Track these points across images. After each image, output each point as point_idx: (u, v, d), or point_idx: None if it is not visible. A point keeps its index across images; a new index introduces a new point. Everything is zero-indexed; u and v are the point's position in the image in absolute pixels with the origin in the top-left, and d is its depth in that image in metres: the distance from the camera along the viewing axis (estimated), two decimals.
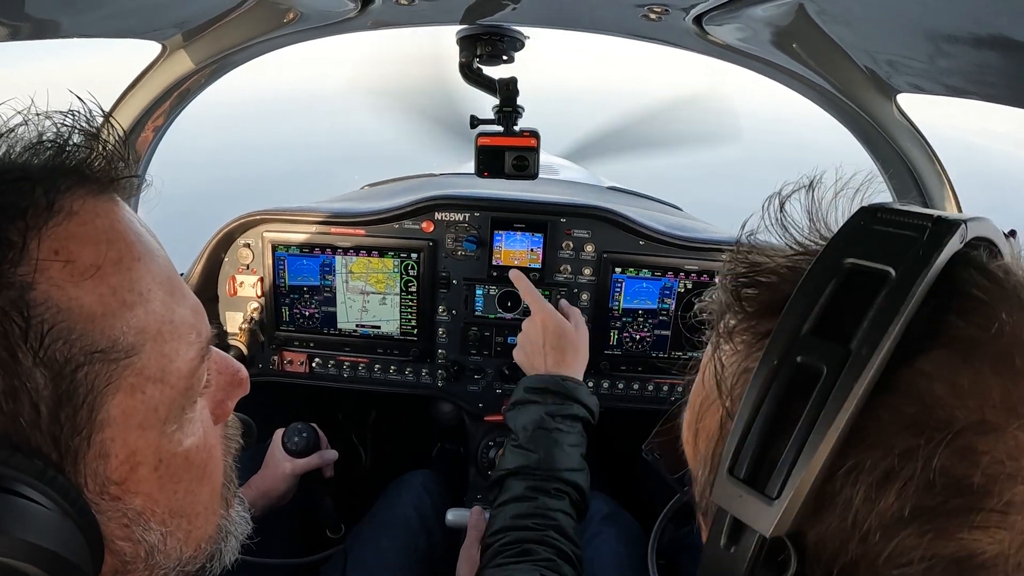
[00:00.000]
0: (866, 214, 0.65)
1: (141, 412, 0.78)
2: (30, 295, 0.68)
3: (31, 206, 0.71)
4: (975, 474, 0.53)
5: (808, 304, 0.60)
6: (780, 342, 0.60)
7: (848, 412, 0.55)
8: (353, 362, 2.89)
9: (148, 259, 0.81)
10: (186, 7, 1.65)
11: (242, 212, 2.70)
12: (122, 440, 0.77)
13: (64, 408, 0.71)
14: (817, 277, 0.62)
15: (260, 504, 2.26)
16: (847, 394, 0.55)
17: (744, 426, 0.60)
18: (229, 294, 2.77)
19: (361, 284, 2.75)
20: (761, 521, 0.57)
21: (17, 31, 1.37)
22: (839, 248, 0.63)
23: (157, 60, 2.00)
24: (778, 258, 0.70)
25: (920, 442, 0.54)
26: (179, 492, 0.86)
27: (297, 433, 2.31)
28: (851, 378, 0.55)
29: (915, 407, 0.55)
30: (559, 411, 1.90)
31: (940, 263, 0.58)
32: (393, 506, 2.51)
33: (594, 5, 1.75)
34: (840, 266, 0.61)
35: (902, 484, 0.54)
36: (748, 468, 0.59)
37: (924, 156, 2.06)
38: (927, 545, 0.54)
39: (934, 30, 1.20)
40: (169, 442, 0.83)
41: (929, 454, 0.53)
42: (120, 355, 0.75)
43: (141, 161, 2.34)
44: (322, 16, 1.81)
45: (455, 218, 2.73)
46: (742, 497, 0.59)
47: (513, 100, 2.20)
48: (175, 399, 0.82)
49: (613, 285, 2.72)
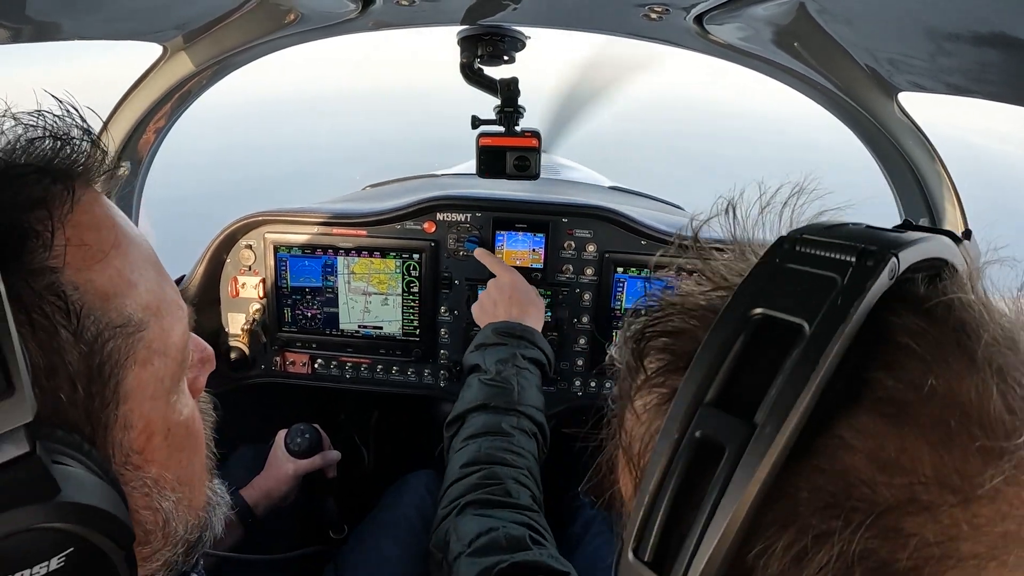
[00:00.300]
0: (781, 249, 0.58)
1: (152, 384, 0.84)
2: (61, 278, 0.74)
3: (54, 198, 0.77)
4: (901, 558, 0.47)
5: (712, 367, 0.54)
6: (680, 415, 0.54)
7: (752, 494, 0.49)
8: (355, 363, 2.90)
9: (136, 242, 0.88)
10: (187, 9, 1.65)
11: (244, 213, 2.71)
12: (139, 411, 0.83)
13: (95, 383, 0.77)
14: (723, 332, 0.55)
15: (263, 505, 2.26)
16: (751, 474, 0.49)
17: (648, 505, 0.54)
18: (231, 295, 2.77)
19: (363, 285, 2.75)
20: None
21: (18, 33, 1.38)
22: (749, 294, 0.55)
23: (158, 62, 2.00)
24: (695, 297, 0.64)
25: (838, 524, 0.48)
26: (183, 460, 0.92)
27: (299, 434, 2.32)
28: (755, 457, 0.49)
29: (833, 484, 0.49)
30: (525, 353, 1.94)
31: (863, 312, 0.51)
32: (395, 507, 2.51)
33: (595, 5, 1.75)
34: (748, 319, 0.54)
35: (817, 570, 0.48)
36: (652, 550, 0.53)
37: (926, 155, 2.05)
38: None
39: (935, 28, 1.20)
40: (173, 412, 0.89)
41: (848, 538, 0.47)
42: (133, 329, 0.81)
43: (143, 163, 2.35)
44: (323, 17, 1.81)
45: (457, 218, 2.73)
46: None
47: (514, 100, 2.20)
48: (175, 371, 0.89)
49: (615, 285, 2.72)
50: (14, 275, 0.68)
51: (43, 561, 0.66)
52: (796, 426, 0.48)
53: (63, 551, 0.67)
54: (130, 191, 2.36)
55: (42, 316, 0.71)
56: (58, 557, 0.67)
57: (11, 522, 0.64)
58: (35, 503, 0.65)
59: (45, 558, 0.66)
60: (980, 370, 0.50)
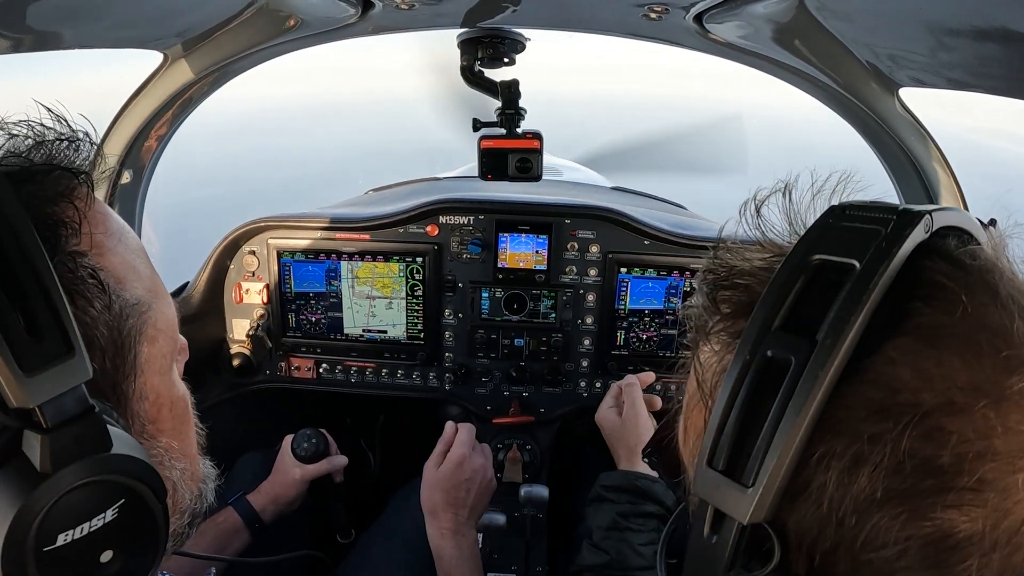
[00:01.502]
0: (834, 212, 0.68)
1: (158, 359, 0.92)
2: (90, 261, 0.81)
3: (74, 191, 0.84)
4: (944, 454, 0.54)
5: (777, 301, 0.63)
6: (751, 338, 0.62)
7: (816, 400, 0.57)
8: (360, 367, 2.90)
9: (129, 234, 0.95)
10: (187, 16, 1.66)
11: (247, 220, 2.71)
12: (151, 384, 0.91)
13: (118, 355, 0.85)
14: (786, 275, 0.64)
15: (270, 510, 2.27)
16: (814, 383, 0.56)
17: (720, 419, 0.62)
18: (235, 301, 2.77)
19: (367, 289, 2.76)
20: (739, 509, 0.59)
21: (20, 43, 1.38)
22: (807, 246, 0.65)
23: (159, 69, 2.01)
24: (755, 260, 0.73)
25: (888, 426, 0.56)
26: (183, 432, 1.00)
27: (306, 439, 2.32)
28: (817, 367, 0.57)
29: (881, 393, 0.57)
30: (632, 510, 1.88)
31: (903, 253, 0.60)
32: (403, 510, 2.51)
33: (594, 6, 1.75)
34: (808, 263, 0.63)
35: (872, 468, 0.56)
36: (725, 459, 0.61)
37: (927, 150, 2.05)
38: (901, 527, 0.56)
39: (935, 23, 1.20)
40: (173, 386, 0.98)
41: (897, 437, 0.55)
42: (144, 308, 0.89)
43: (145, 170, 2.35)
44: (323, 22, 1.81)
45: (460, 221, 2.73)
46: (720, 487, 0.61)
47: (515, 102, 2.20)
48: (172, 349, 0.97)
49: (619, 285, 2.72)
50: (53, 258, 0.73)
51: (100, 513, 0.72)
52: (851, 341, 0.57)
53: (117, 502, 0.73)
54: (133, 198, 2.36)
55: (79, 293, 0.78)
56: (113, 508, 0.73)
57: (77, 474, 0.69)
58: (98, 454, 0.71)
59: (102, 510, 0.72)
60: (1004, 305, 0.59)
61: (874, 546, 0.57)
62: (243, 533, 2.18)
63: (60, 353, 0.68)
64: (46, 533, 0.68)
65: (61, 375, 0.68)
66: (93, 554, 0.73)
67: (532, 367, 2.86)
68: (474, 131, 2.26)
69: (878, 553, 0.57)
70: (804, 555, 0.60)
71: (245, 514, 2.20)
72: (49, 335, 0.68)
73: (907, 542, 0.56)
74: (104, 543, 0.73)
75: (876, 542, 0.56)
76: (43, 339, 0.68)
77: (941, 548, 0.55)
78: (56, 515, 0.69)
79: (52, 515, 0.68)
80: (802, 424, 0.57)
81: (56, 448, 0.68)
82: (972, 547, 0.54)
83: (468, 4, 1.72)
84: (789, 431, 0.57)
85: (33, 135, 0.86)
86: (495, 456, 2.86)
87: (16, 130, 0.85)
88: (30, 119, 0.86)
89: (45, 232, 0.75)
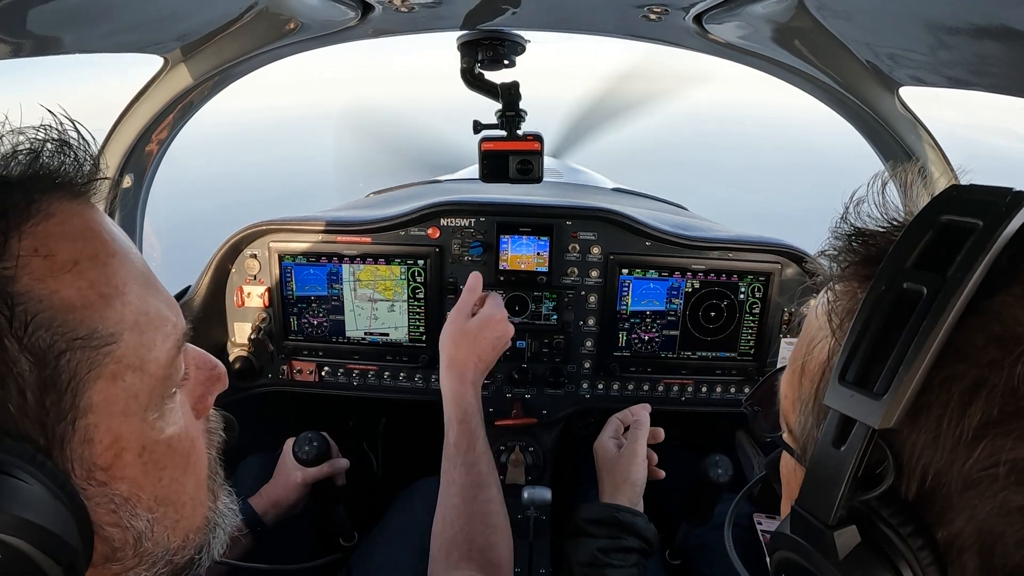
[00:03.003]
0: (957, 187, 0.75)
1: (123, 399, 0.83)
2: (13, 287, 0.73)
3: (11, 207, 0.77)
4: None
5: (911, 245, 0.70)
6: (887, 272, 0.70)
7: (945, 325, 0.63)
8: (362, 370, 2.90)
9: (123, 256, 0.87)
10: (187, 20, 1.66)
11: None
12: (106, 426, 0.82)
13: (49, 394, 0.76)
14: (917, 228, 0.71)
15: (272, 513, 2.27)
16: (943, 310, 0.64)
17: (855, 340, 0.69)
18: (237, 305, 2.77)
19: (369, 292, 2.76)
20: (870, 416, 0.66)
21: (19, 48, 1.38)
22: (935, 208, 0.72)
23: (159, 74, 2.01)
24: (881, 224, 0.81)
25: (1004, 355, 0.62)
26: (164, 480, 0.91)
27: (307, 442, 2.31)
28: (947, 297, 0.64)
29: (1000, 327, 0.63)
30: (612, 545, 1.86)
31: (1021, 217, 0.66)
32: (406, 513, 2.51)
33: (594, 7, 1.75)
34: (937, 220, 0.71)
35: (989, 391, 0.62)
36: (857, 373, 0.68)
37: (928, 149, 2.05)
38: (1011, 447, 0.61)
39: (934, 21, 1.19)
40: (152, 430, 0.88)
41: (1012, 363, 0.61)
42: (100, 343, 0.80)
43: (146, 175, 2.35)
44: (323, 25, 1.81)
45: (461, 223, 2.73)
46: (852, 396, 0.68)
47: (515, 104, 2.21)
48: (154, 387, 0.87)
49: (620, 287, 2.72)
50: None
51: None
52: (977, 279, 0.64)
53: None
54: (134, 202, 2.36)
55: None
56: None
57: None
58: None
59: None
60: None
61: (985, 465, 0.62)
62: (245, 537, 2.18)
63: None
64: None
65: None
66: None
67: (534, 369, 2.86)
68: (475, 133, 2.26)
69: (987, 472, 0.62)
70: (917, 475, 0.66)
71: (247, 518, 2.20)
72: None
73: (1015, 462, 0.61)
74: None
75: (987, 461, 0.62)
76: None
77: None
78: None
79: None
80: (931, 346, 0.63)
81: None
82: None
83: (468, 6, 1.73)
84: (920, 350, 0.63)
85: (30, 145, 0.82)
86: (497, 458, 2.86)
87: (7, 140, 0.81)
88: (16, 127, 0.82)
89: None
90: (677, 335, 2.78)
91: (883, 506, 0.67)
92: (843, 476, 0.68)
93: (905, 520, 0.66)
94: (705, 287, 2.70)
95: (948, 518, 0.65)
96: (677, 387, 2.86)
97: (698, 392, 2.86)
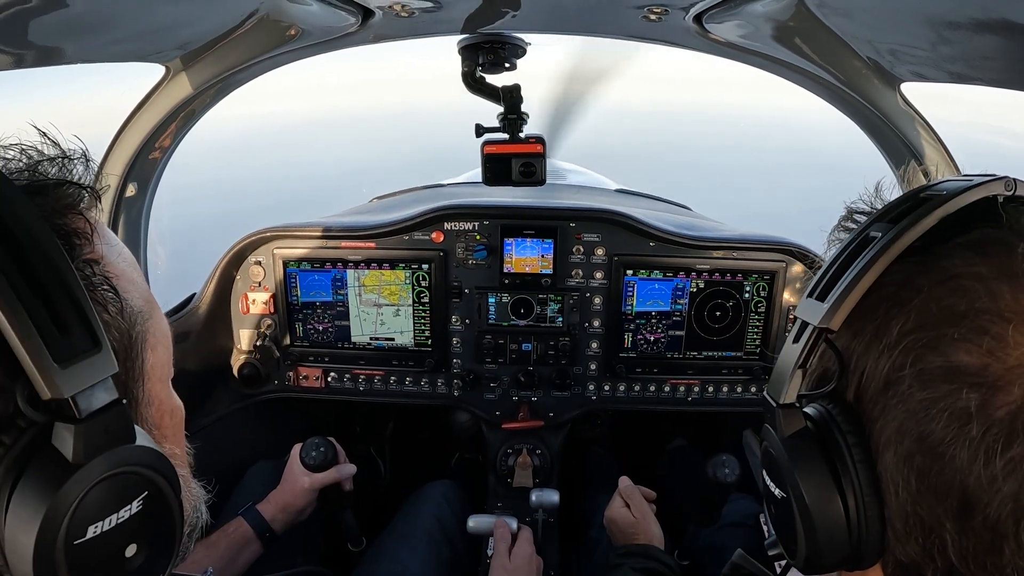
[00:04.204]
0: (951, 176, 0.87)
1: (159, 367, 0.95)
2: (103, 269, 0.85)
3: (81, 203, 0.89)
4: (962, 304, 0.71)
5: (890, 209, 0.84)
6: (863, 225, 0.85)
7: (884, 255, 0.78)
8: (368, 375, 2.90)
9: (123, 247, 0.98)
10: (188, 29, 1.66)
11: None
12: (155, 390, 0.94)
13: (129, 359, 0.88)
14: (901, 200, 0.84)
15: (280, 519, 2.27)
16: (888, 245, 0.78)
17: (824, 269, 0.85)
18: (242, 312, 2.78)
19: (374, 297, 2.76)
20: (815, 316, 0.81)
21: (22, 59, 1.39)
22: (922, 188, 0.85)
23: (161, 82, 2.02)
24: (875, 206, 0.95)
25: (927, 281, 0.74)
26: (181, 442, 1.04)
27: (314, 447, 2.32)
28: (894, 237, 0.78)
29: (932, 261, 0.76)
30: (641, 564, 2.09)
31: (984, 189, 0.80)
32: (414, 517, 2.51)
33: (594, 8, 1.75)
34: (917, 196, 0.83)
35: (910, 306, 0.74)
36: (820, 290, 0.83)
37: (930, 145, 2.04)
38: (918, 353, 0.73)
39: (935, 17, 1.19)
40: (171, 396, 1.01)
41: (932, 286, 0.74)
42: (145, 316, 0.92)
43: (150, 183, 2.36)
44: (323, 32, 1.81)
45: (465, 227, 2.73)
46: (810, 306, 0.82)
47: (517, 107, 2.20)
48: (169, 358, 1.00)
49: (625, 288, 2.72)
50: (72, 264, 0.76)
51: (127, 504, 0.75)
52: (922, 227, 0.77)
53: (141, 494, 0.77)
54: (138, 210, 2.37)
55: (95, 297, 0.81)
56: (138, 500, 0.76)
57: (107, 464, 0.73)
58: (123, 446, 0.75)
59: (128, 501, 0.75)
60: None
61: (899, 368, 0.73)
62: (254, 543, 2.18)
63: (88, 348, 0.72)
64: (77, 525, 0.70)
65: (91, 368, 0.72)
66: (120, 547, 0.75)
67: (540, 371, 2.86)
68: (477, 136, 2.26)
69: (900, 374, 0.73)
70: (855, 379, 0.79)
71: (255, 524, 2.20)
72: (78, 331, 0.72)
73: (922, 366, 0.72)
74: (130, 536, 0.76)
75: (901, 364, 0.73)
76: (72, 335, 0.71)
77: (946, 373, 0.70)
78: (87, 506, 0.71)
79: (83, 506, 0.71)
80: (869, 267, 0.77)
81: (88, 438, 0.71)
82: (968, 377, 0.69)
83: (468, 10, 1.73)
84: (860, 269, 0.78)
85: (35, 154, 0.88)
86: (505, 461, 2.86)
87: (11, 152, 0.87)
88: (23, 142, 0.89)
89: (61, 240, 0.78)
90: (683, 335, 2.77)
91: (830, 404, 0.82)
92: (792, 364, 0.83)
93: (845, 419, 0.80)
94: (710, 287, 2.69)
95: (875, 417, 0.77)
96: (684, 387, 2.86)
97: (705, 392, 2.86)
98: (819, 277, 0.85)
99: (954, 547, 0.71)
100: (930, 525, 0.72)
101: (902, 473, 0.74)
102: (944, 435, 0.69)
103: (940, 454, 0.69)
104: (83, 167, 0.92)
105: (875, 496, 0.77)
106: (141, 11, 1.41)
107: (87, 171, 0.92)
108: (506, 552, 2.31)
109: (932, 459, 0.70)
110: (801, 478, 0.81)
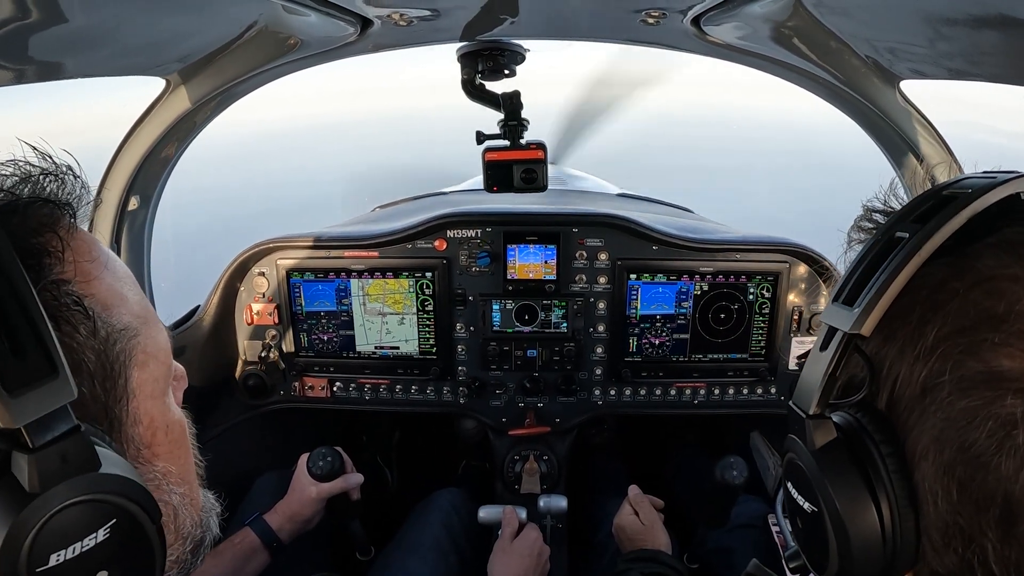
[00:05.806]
0: (969, 174, 0.86)
1: (150, 383, 0.94)
2: (74, 289, 0.83)
3: (57, 222, 0.88)
4: (1000, 306, 0.69)
5: (913, 208, 0.81)
6: (887, 226, 0.82)
7: (915, 257, 0.74)
8: (374, 384, 2.90)
9: (117, 262, 0.98)
10: (188, 42, 1.67)
11: None
12: (144, 408, 0.93)
13: (108, 380, 0.86)
14: (922, 198, 0.82)
15: (287, 529, 2.27)
16: (917, 248, 0.74)
17: (850, 271, 0.82)
18: (246, 323, 2.78)
19: (379, 306, 2.76)
20: (844, 322, 0.78)
21: (22, 74, 1.39)
22: (943, 185, 0.83)
23: (162, 95, 2.02)
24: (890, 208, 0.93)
25: (961, 284, 0.72)
26: (181, 457, 1.01)
27: (321, 457, 2.32)
28: (923, 238, 0.75)
29: (964, 263, 0.73)
30: (650, 569, 2.11)
31: (1008, 187, 0.77)
32: (422, 525, 2.51)
33: (592, 13, 1.75)
34: (940, 193, 0.80)
35: (945, 311, 0.72)
36: (847, 295, 0.80)
37: (930, 142, 2.04)
38: (957, 359, 0.70)
39: (933, 14, 1.19)
40: (168, 411, 0.99)
41: (967, 290, 0.71)
42: (131, 335, 0.91)
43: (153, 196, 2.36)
44: (322, 42, 1.82)
45: (467, 235, 2.74)
46: (838, 311, 0.79)
47: (517, 113, 2.20)
48: (165, 373, 0.98)
49: (629, 292, 2.71)
50: (36, 285, 0.75)
51: (92, 533, 0.73)
52: (951, 227, 0.74)
53: (108, 522, 0.75)
54: (141, 223, 2.37)
55: (64, 319, 0.81)
56: (104, 528, 0.74)
57: (66, 493, 0.71)
58: (84, 474, 0.73)
59: (93, 529, 0.73)
60: None
61: (937, 375, 0.71)
62: (261, 553, 2.18)
63: (44, 375, 0.71)
64: (38, 553, 0.69)
65: (46, 396, 0.70)
66: (89, 574, 0.74)
67: (545, 377, 2.85)
68: (478, 143, 2.26)
69: (938, 381, 0.71)
70: (888, 385, 0.77)
71: (262, 534, 2.20)
72: (33, 358, 0.70)
73: (962, 373, 0.69)
74: (98, 564, 0.75)
75: (938, 371, 0.71)
76: (27, 362, 0.70)
77: (987, 379, 0.68)
78: (47, 535, 0.70)
79: (43, 535, 0.70)
80: (900, 270, 0.74)
81: (43, 467, 0.70)
82: (1011, 383, 0.66)
83: (466, 18, 1.73)
84: (890, 273, 0.75)
85: (19, 172, 0.89)
86: (512, 468, 2.86)
87: (2, 170, 0.88)
88: (15, 158, 0.89)
89: (29, 261, 0.78)
90: (687, 338, 2.77)
91: (860, 413, 0.79)
92: (821, 373, 0.79)
93: (878, 428, 0.77)
94: (714, 289, 2.69)
95: (911, 426, 0.74)
96: (689, 391, 2.85)
97: (711, 395, 2.85)
98: (844, 280, 0.82)
99: (995, 556, 0.68)
100: (970, 535, 0.69)
101: (942, 483, 0.71)
102: (988, 444, 0.66)
103: (984, 464, 0.67)
104: (71, 182, 0.93)
105: (911, 507, 0.74)
106: (141, 25, 1.41)
107: (75, 186, 0.93)
108: (510, 537, 2.39)
109: (975, 468, 0.67)
110: (835, 491, 0.77)
